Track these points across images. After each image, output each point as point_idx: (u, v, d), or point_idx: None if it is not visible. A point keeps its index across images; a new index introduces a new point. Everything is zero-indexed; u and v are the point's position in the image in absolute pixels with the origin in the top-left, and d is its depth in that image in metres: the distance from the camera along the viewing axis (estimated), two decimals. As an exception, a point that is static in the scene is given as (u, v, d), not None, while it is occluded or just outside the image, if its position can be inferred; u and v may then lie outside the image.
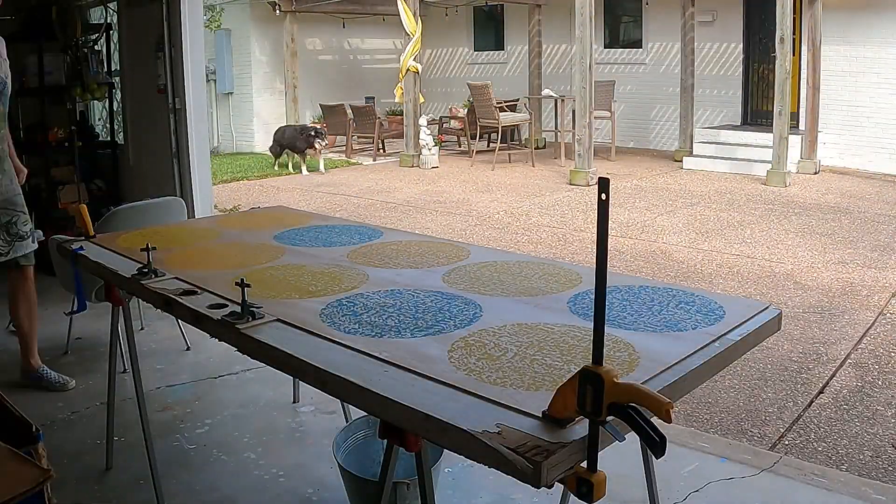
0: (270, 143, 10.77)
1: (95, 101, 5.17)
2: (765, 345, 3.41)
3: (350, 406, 2.55)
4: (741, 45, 10.78)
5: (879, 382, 3.49)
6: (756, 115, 10.64)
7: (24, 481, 1.37)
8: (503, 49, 13.61)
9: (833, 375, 3.58)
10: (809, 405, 3.28)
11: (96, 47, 4.90)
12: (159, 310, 1.83)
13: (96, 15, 5.16)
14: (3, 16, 4.77)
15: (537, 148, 11.42)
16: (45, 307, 4.11)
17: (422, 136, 10.53)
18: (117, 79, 5.00)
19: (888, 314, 4.42)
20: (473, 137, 10.95)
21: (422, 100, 10.74)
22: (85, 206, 2.38)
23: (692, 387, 1.38)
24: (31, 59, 4.68)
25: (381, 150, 11.88)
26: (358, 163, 11.34)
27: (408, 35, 10.31)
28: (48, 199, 4.83)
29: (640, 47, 11.82)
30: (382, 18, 12.76)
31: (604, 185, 1.00)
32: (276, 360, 1.47)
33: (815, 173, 9.31)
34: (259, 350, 1.50)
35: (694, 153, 10.21)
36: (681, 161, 10.20)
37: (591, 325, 1.06)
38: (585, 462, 1.07)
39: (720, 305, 1.64)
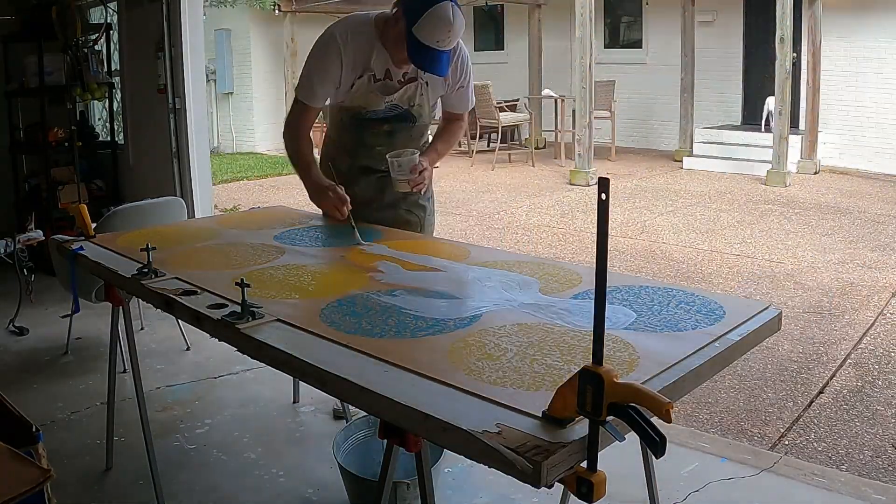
0: (269, 144, 10.76)
1: (95, 101, 5.17)
2: (765, 345, 3.41)
3: (350, 406, 2.55)
4: (741, 45, 10.78)
5: (879, 382, 3.49)
6: (756, 114, 10.65)
7: (24, 481, 1.37)
8: (503, 49, 13.61)
9: (833, 375, 3.58)
10: (809, 405, 3.28)
11: (96, 47, 4.90)
12: (159, 310, 1.82)
13: (96, 15, 5.16)
14: (3, 16, 4.78)
15: (537, 148, 11.42)
16: (46, 307, 4.12)
17: (422, 136, 10.52)
18: (117, 79, 5.00)
19: (888, 314, 4.42)
20: (473, 137, 10.95)
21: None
22: (85, 206, 2.38)
23: (692, 387, 1.38)
24: (31, 59, 4.67)
25: (381, 150, 11.88)
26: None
27: (408, 35, 10.29)
28: (48, 199, 4.83)
29: (640, 47, 11.82)
30: (382, 18, 12.74)
31: (604, 185, 1.00)
32: (276, 360, 1.47)
33: (815, 173, 9.31)
34: (259, 350, 1.50)
35: (694, 153, 10.21)
36: (681, 161, 10.20)
37: (591, 325, 1.06)
38: (585, 462, 1.07)
39: (720, 305, 1.64)
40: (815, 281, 5.08)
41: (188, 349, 3.59)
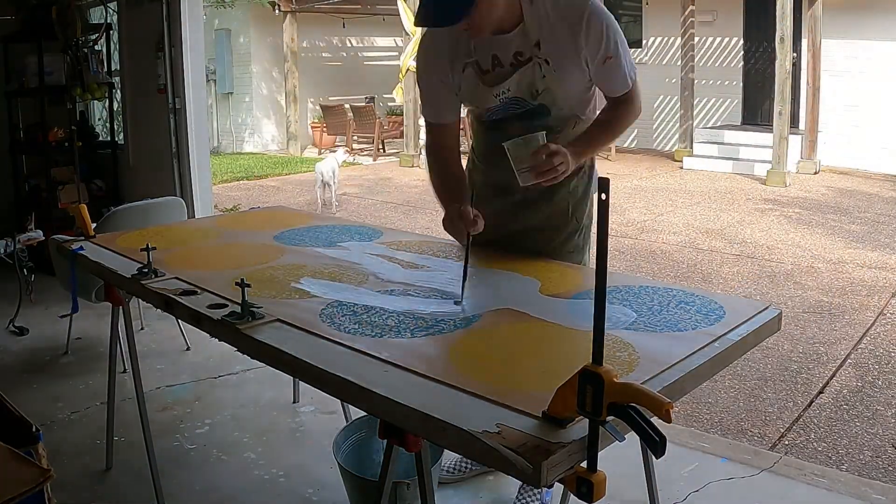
0: (269, 144, 10.77)
1: (95, 101, 5.17)
2: (765, 345, 3.42)
3: (350, 406, 2.55)
4: (741, 45, 10.78)
5: (879, 382, 3.49)
6: (756, 114, 10.65)
7: (24, 481, 1.37)
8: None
9: (833, 375, 3.58)
10: (809, 405, 3.28)
11: (96, 47, 4.90)
12: (159, 310, 1.82)
13: (96, 15, 5.16)
14: (3, 16, 4.77)
15: (537, 148, 11.41)
16: (46, 307, 4.11)
17: (422, 136, 10.52)
18: (117, 79, 5.00)
19: (888, 314, 4.42)
20: (473, 137, 10.93)
21: (422, 100, 10.74)
22: (85, 206, 2.37)
23: (692, 387, 1.38)
24: (31, 59, 4.67)
25: (381, 150, 11.88)
26: (358, 163, 11.34)
27: (408, 34, 10.31)
28: (48, 199, 4.83)
29: (641, 47, 11.82)
30: (382, 18, 12.76)
31: (604, 185, 1.00)
32: (276, 360, 1.47)
33: (815, 173, 9.31)
34: (259, 350, 1.50)
35: (694, 153, 10.21)
36: (681, 161, 10.20)
37: (591, 326, 1.06)
38: (585, 462, 1.07)
39: (720, 305, 1.64)
40: (815, 281, 5.08)
41: (188, 349, 3.59)
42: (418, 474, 1.41)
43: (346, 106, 11.70)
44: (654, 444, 1.00)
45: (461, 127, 2.15)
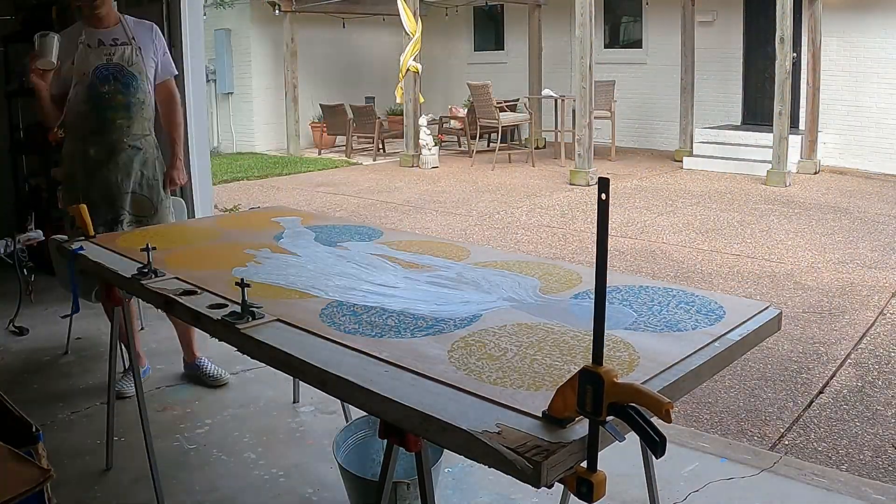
0: (269, 144, 10.74)
1: (95, 101, 5.16)
2: (765, 345, 3.42)
3: (350, 406, 2.55)
4: (741, 45, 10.78)
5: (879, 382, 3.49)
6: (756, 114, 10.64)
7: (24, 481, 1.37)
8: (503, 49, 13.61)
9: (833, 375, 3.58)
10: (809, 405, 3.28)
11: (96, 47, 4.89)
12: (159, 310, 1.82)
13: (96, 15, 5.15)
14: (3, 16, 4.77)
15: (537, 148, 11.42)
16: (45, 307, 4.12)
17: (422, 136, 10.53)
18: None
19: (888, 314, 4.42)
20: (473, 137, 10.95)
21: (422, 100, 10.75)
22: (85, 206, 2.38)
23: (692, 387, 1.39)
24: (31, 59, 4.67)
25: (381, 150, 11.88)
26: (358, 163, 11.34)
27: (408, 35, 10.31)
28: (48, 199, 4.83)
29: (641, 47, 11.82)
30: (382, 18, 12.75)
31: (604, 185, 1.00)
32: (276, 360, 1.47)
33: (815, 173, 9.31)
34: (259, 350, 1.50)
35: (694, 153, 10.21)
36: (681, 161, 10.20)
37: (591, 325, 1.06)
38: (585, 462, 1.07)
39: (720, 305, 1.64)
40: (815, 281, 5.07)
41: (188, 349, 3.59)
42: (418, 474, 1.41)
43: (346, 106, 11.70)
44: (654, 444, 1.00)
45: (461, 126, 2.24)
